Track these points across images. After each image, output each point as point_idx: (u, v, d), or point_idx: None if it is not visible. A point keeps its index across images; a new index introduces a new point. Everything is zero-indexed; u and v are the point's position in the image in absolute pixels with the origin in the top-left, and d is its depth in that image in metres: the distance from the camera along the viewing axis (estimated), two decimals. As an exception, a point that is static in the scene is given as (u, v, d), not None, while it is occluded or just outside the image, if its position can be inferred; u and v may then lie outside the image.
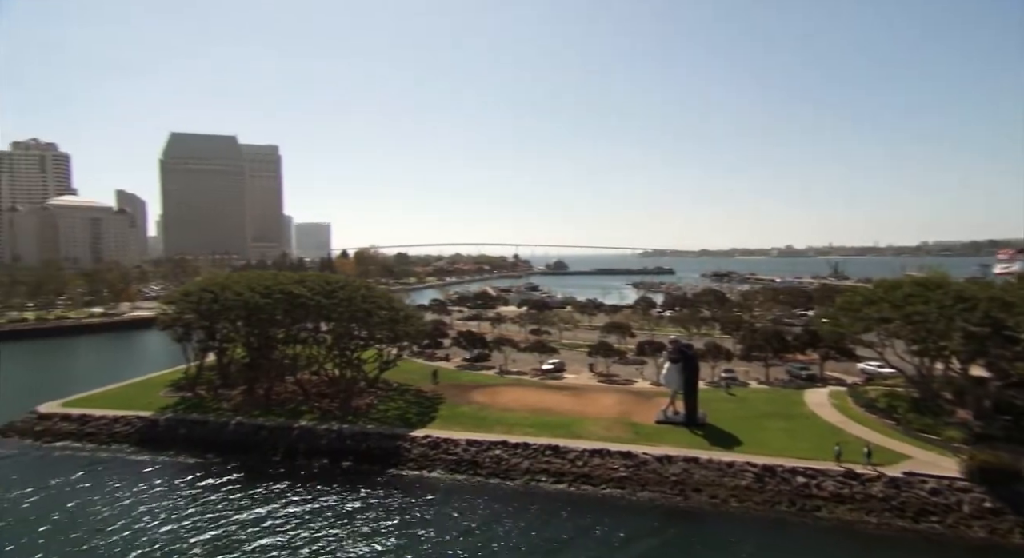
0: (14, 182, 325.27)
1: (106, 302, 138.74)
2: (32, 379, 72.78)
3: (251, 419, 47.48)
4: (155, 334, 75.29)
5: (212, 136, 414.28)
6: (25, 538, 30.99)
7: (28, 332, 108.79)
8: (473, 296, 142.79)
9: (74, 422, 48.21)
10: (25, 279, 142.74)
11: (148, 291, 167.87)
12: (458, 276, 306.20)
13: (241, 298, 52.96)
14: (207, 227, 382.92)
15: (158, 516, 33.66)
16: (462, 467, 40.09)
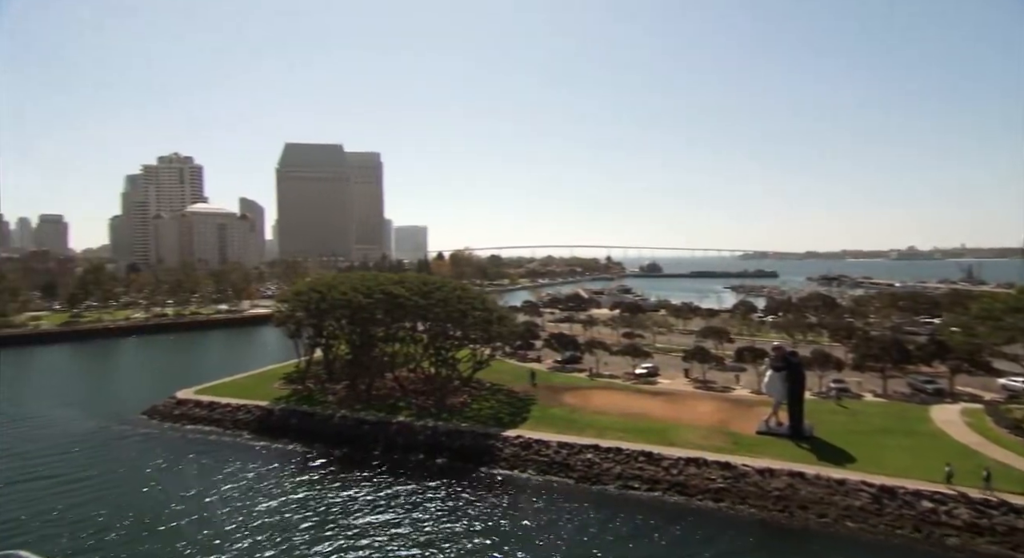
0: (159, 192, 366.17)
1: (231, 300, 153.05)
2: (171, 367, 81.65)
3: (354, 413, 50.33)
4: (271, 330, 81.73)
5: (321, 145, 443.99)
6: (158, 506, 34.99)
7: (168, 326, 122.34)
8: (565, 298, 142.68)
9: (204, 408, 53.45)
10: (166, 279, 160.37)
11: (265, 290, 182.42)
12: (550, 278, 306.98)
13: (345, 298, 56.33)
14: (316, 230, 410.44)
15: (268, 497, 36.65)
16: (553, 469, 40.17)
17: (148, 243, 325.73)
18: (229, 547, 30.31)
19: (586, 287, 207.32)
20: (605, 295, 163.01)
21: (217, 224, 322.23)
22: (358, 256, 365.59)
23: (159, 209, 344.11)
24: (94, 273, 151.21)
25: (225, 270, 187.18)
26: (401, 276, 68.79)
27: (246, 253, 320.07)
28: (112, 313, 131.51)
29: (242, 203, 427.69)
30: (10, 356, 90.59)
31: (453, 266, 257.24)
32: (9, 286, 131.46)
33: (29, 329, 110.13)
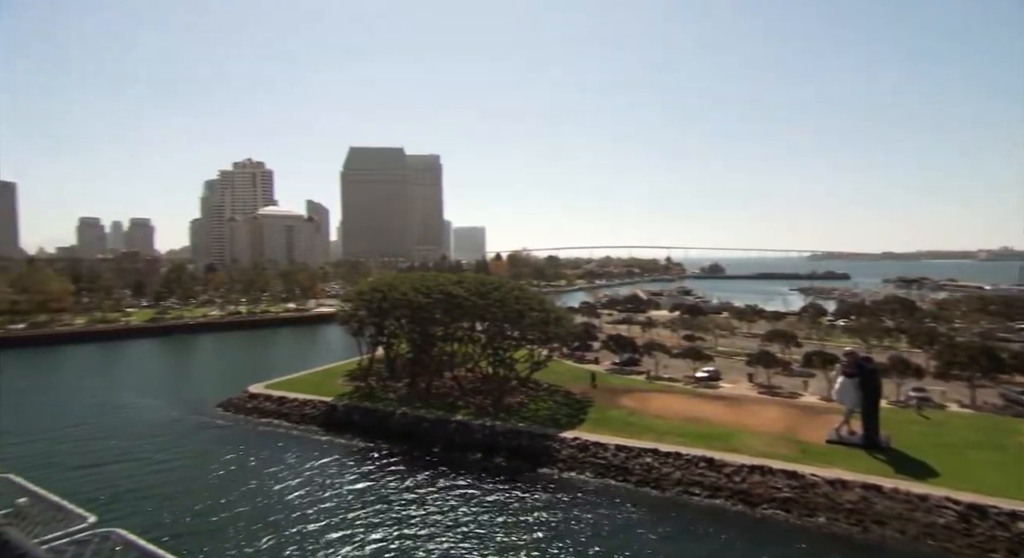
0: (234, 196, 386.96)
1: (298, 299, 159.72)
2: (244, 362, 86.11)
3: (414, 410, 51.46)
4: (335, 328, 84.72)
5: (383, 149, 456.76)
6: (230, 490, 37.11)
7: (241, 323, 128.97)
8: (623, 299, 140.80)
9: (274, 402, 56.03)
10: (240, 278, 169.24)
11: (330, 290, 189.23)
12: (608, 279, 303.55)
13: (405, 298, 57.69)
14: (378, 232, 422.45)
15: (331, 487, 38.18)
16: (611, 472, 39.72)
17: (224, 244, 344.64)
18: (293, 530, 31.94)
19: (645, 288, 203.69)
20: (665, 297, 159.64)
21: (285, 226, 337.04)
22: (418, 257, 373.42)
23: (234, 212, 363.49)
24: (176, 273, 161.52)
25: (293, 270, 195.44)
26: (460, 277, 69.78)
27: (312, 254, 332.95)
28: (192, 310, 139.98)
29: (309, 205, 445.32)
30: (105, 349, 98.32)
31: (511, 267, 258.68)
32: (104, 285, 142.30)
33: (121, 325, 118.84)
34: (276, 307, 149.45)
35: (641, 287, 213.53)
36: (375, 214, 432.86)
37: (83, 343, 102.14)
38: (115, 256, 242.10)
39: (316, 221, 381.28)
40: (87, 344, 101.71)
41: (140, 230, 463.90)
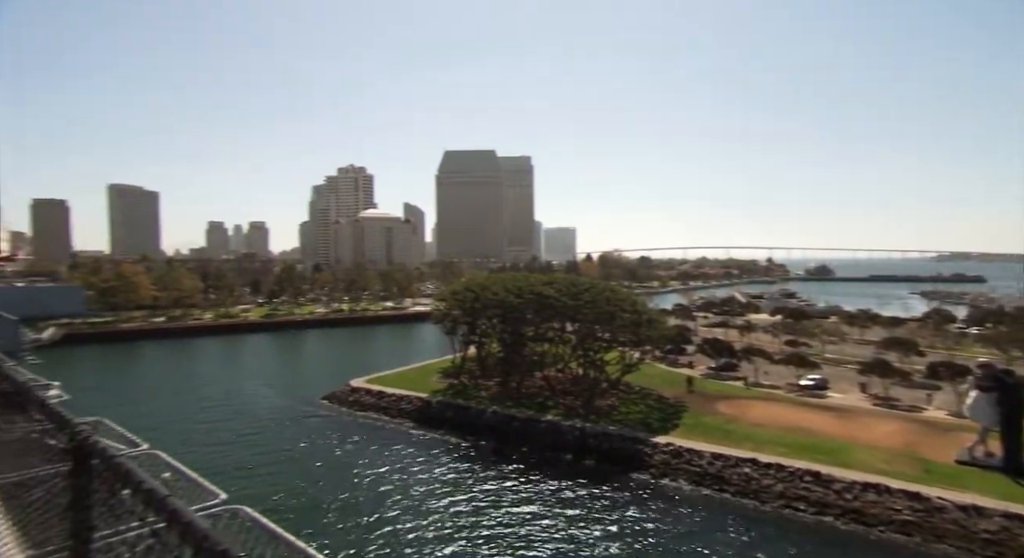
0: (338, 200, 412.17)
1: (395, 298, 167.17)
2: (346, 357, 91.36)
3: (505, 409, 52.22)
4: (430, 326, 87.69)
5: (476, 151, 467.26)
6: (331, 476, 39.61)
7: (344, 320, 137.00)
8: (720, 302, 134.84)
9: (373, 396, 58.96)
10: (342, 278, 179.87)
11: (424, 289, 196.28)
12: (703, 280, 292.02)
13: (497, 298, 58.67)
14: (470, 233, 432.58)
15: (423, 479, 39.68)
16: (706, 480, 38.22)
17: (329, 246, 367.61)
18: (387, 514, 33.78)
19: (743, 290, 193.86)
20: (765, 299, 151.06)
21: (384, 228, 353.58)
22: (509, 257, 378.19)
23: (338, 215, 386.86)
24: (287, 272, 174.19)
25: (390, 270, 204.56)
26: (550, 277, 70.00)
27: (409, 254, 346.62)
28: (300, 307, 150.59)
29: (406, 208, 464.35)
30: (228, 341, 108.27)
31: (601, 268, 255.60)
32: (227, 283, 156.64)
33: (240, 320, 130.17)
34: (375, 305, 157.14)
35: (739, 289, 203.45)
36: (468, 215, 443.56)
37: (210, 336, 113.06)
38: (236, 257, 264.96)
39: (413, 223, 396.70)
40: (213, 337, 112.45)
41: (257, 232, 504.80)
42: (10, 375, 4.06)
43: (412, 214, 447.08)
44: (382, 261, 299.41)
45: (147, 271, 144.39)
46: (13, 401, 4.69)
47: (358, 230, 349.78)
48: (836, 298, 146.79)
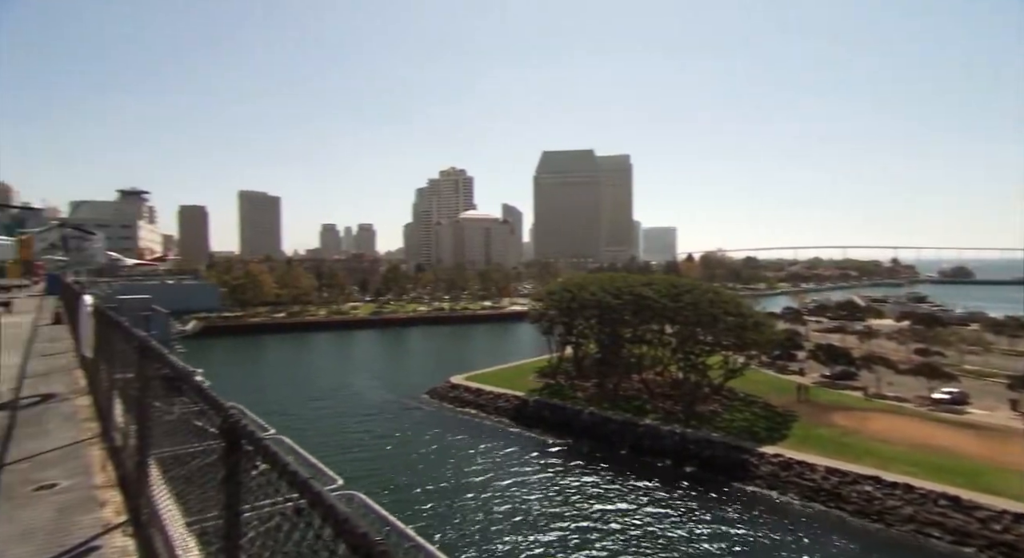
0: (440, 202, 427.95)
1: (493, 297, 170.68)
2: (447, 354, 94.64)
3: (601, 411, 51.69)
4: (527, 326, 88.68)
5: (573, 151, 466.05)
6: (431, 467, 41.22)
7: (444, 318, 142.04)
8: (836, 305, 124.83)
9: (472, 393, 60.58)
10: (443, 277, 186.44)
11: (522, 289, 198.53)
12: (816, 282, 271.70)
13: (595, 298, 58.17)
14: (567, 233, 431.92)
15: (518, 476, 40.21)
16: (820, 496, 35.63)
17: (430, 246, 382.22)
18: (479, 508, 34.73)
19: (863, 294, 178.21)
20: (890, 303, 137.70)
21: (483, 229, 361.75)
22: (607, 257, 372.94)
23: (439, 217, 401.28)
24: (392, 272, 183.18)
25: (489, 270, 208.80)
26: (649, 278, 68.40)
27: (507, 255, 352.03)
28: (404, 305, 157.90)
29: (504, 209, 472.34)
30: (339, 336, 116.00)
31: (703, 268, 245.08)
32: (339, 282, 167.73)
33: (350, 316, 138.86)
34: (474, 304, 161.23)
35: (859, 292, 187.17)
36: (565, 216, 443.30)
37: (323, 330, 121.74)
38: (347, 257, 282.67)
39: (511, 223, 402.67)
40: (326, 331, 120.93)
41: (366, 234, 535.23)
42: (172, 362, 4.61)
43: (510, 215, 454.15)
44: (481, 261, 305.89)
45: (270, 270, 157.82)
46: (172, 385, 5.36)
47: (458, 231, 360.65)
48: (978, 303, 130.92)
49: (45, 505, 5.59)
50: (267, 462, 2.44)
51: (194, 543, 4.34)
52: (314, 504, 1.94)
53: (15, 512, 5.39)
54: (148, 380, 5.38)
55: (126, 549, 4.78)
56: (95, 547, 4.75)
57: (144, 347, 5.61)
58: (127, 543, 4.88)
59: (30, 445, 7.42)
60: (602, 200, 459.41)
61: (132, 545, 4.87)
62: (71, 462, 6.81)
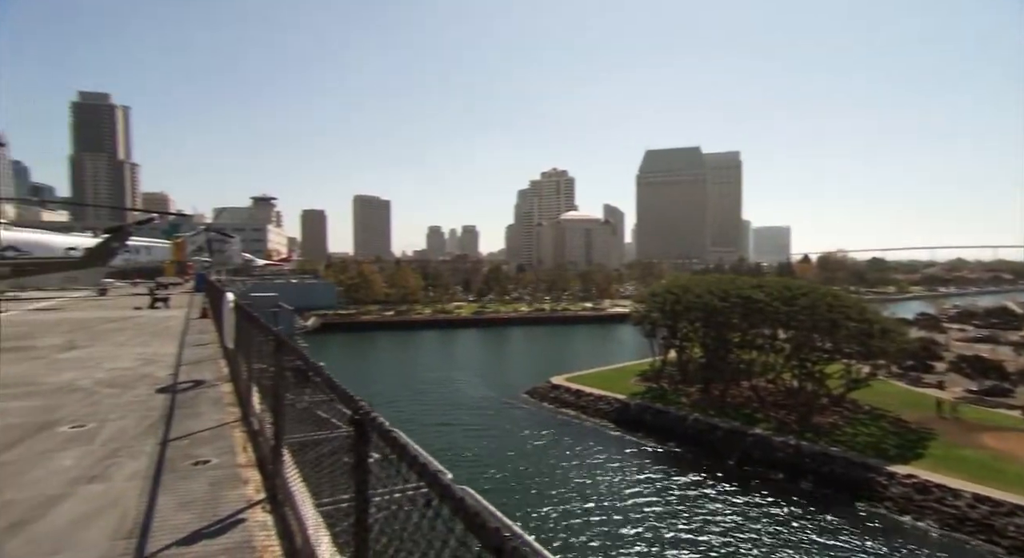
0: (540, 203, 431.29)
1: (594, 298, 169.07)
2: (547, 355, 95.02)
3: (706, 417, 49.40)
4: (628, 328, 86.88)
5: (679, 149, 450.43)
6: (528, 466, 41.21)
7: (544, 319, 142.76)
8: (985, 312, 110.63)
9: (572, 395, 60.28)
10: (544, 278, 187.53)
11: (623, 290, 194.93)
12: (959, 286, 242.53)
13: (700, 300, 55.77)
14: (671, 234, 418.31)
15: (618, 479, 39.41)
16: (965, 526, 31.66)
17: (531, 247, 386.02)
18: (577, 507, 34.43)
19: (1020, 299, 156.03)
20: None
21: (584, 229, 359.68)
22: (713, 259, 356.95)
23: (540, 218, 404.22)
24: (494, 273, 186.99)
25: (590, 271, 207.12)
26: (760, 280, 64.51)
27: (608, 255, 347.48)
28: (506, 305, 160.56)
29: (605, 209, 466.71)
30: (443, 335, 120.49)
31: (821, 270, 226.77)
32: (444, 282, 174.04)
33: (454, 315, 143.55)
34: (575, 305, 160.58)
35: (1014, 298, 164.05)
36: (669, 216, 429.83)
37: (429, 329, 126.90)
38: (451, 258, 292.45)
39: (612, 224, 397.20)
40: (431, 330, 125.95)
41: (469, 235, 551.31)
42: (305, 356, 5.03)
43: (612, 215, 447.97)
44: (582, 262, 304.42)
45: (380, 271, 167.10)
46: (301, 377, 5.81)
47: (559, 232, 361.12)
48: None
49: (201, 479, 6.24)
50: (396, 453, 2.55)
51: (322, 523, 4.65)
52: (444, 497, 1.99)
53: (178, 483, 6.09)
54: (282, 371, 5.90)
55: (265, 523, 5.22)
56: (241, 520, 5.24)
57: (279, 341, 6.12)
58: (266, 519, 5.33)
59: (188, 424, 8.40)
60: (709, 199, 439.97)
61: (270, 521, 5.30)
62: (219, 442, 7.58)
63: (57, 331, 19.79)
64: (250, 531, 5.06)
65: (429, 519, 2.18)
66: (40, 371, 12.54)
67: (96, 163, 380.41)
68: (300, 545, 4.74)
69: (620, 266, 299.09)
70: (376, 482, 2.95)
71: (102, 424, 8.36)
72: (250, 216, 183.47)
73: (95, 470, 6.45)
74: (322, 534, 4.55)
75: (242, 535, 4.98)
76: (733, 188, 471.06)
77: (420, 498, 2.33)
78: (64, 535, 4.91)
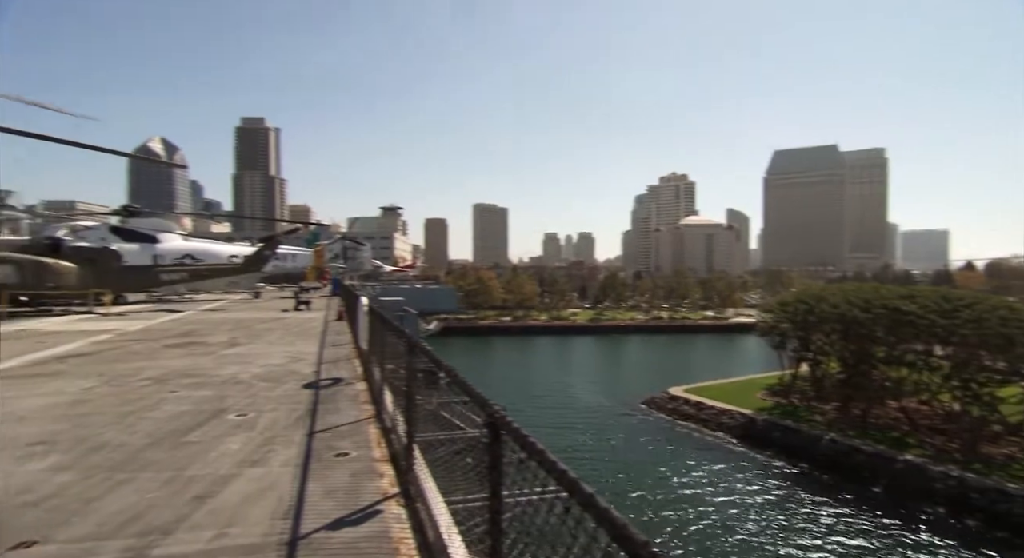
0: (659, 208, 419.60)
1: (715, 307, 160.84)
2: (664, 364, 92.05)
3: (845, 439, 45.03)
4: (753, 339, 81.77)
5: (812, 148, 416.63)
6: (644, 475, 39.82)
7: (662, 327, 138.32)
8: None
9: (692, 407, 57.74)
10: (662, 285, 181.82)
11: (748, 299, 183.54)
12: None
13: (837, 311, 51.10)
14: (803, 239, 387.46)
15: (742, 498, 36.97)
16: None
17: (649, 253, 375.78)
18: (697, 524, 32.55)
19: None
20: None
21: (705, 235, 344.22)
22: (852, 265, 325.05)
23: (658, 223, 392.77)
24: (611, 279, 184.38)
25: (712, 278, 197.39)
26: (910, 289, 57.62)
27: (731, 262, 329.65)
28: (622, 313, 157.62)
29: (728, 214, 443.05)
30: (558, 341, 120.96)
31: (990, 279, 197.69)
32: (559, 288, 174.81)
33: (569, 322, 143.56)
34: (695, 314, 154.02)
35: None
36: (801, 219, 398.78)
37: (544, 335, 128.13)
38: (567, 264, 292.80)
39: (736, 229, 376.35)
40: (546, 336, 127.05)
41: (585, 242, 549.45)
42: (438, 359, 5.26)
43: (736, 220, 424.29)
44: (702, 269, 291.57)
45: (497, 277, 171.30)
46: (431, 379, 6.19)
47: (678, 237, 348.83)
48: None
49: (342, 470, 6.81)
50: (534, 458, 2.61)
51: (452, 520, 4.90)
52: (587, 506, 1.96)
53: (323, 472, 6.70)
54: (414, 373, 6.32)
55: (400, 517, 5.56)
56: (378, 511, 5.65)
57: (411, 344, 6.53)
58: (400, 512, 5.68)
59: (329, 418, 9.27)
60: (847, 201, 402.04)
61: (404, 514, 5.64)
62: (357, 436, 8.24)
63: (221, 329, 22.59)
64: (386, 522, 5.40)
65: (570, 527, 2.16)
66: (210, 365, 14.44)
67: (252, 179, 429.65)
68: (432, 540, 4.97)
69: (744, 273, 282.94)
70: (509, 483, 3.01)
71: (259, 414, 9.43)
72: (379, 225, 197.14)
73: (256, 455, 7.29)
74: (453, 531, 4.74)
75: (380, 526, 5.33)
76: (877, 189, 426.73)
77: (558, 503, 2.31)
78: (236, 510, 5.59)
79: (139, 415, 9.25)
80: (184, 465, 6.85)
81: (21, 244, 36.80)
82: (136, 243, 40.22)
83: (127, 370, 13.55)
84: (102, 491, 6.00)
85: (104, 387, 11.54)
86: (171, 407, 9.84)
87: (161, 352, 16.59)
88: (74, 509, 5.54)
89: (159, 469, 6.71)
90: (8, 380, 12.27)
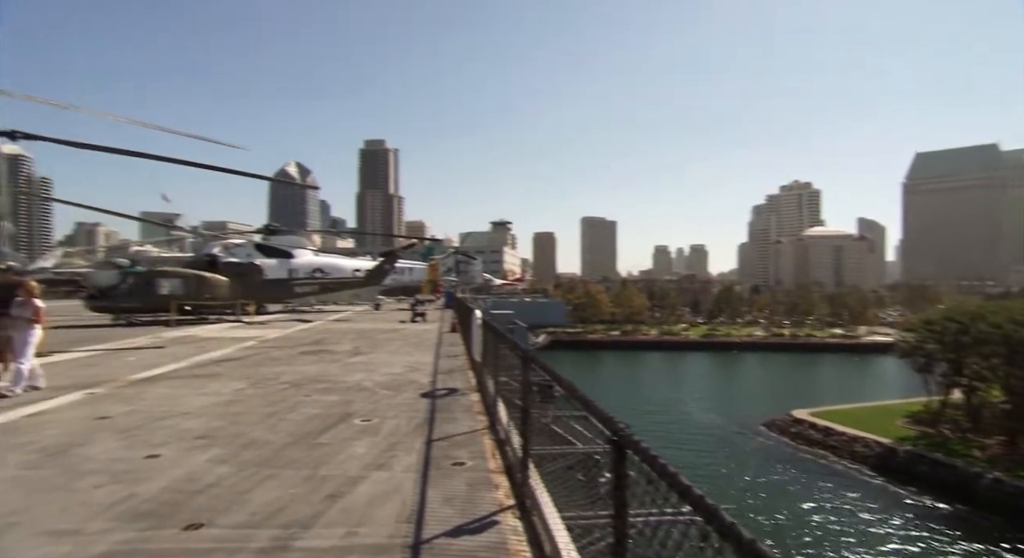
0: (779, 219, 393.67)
1: (845, 325, 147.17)
2: (788, 385, 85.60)
3: (1014, 479, 39.11)
4: (890, 361, 73.95)
5: (964, 149, 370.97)
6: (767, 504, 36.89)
7: (784, 345, 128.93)
8: None
9: (819, 432, 53.14)
10: (783, 300, 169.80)
11: (884, 316, 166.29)
12: None
13: (999, 331, 44.86)
14: (951, 249, 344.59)
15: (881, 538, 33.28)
16: None
17: (768, 266, 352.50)
18: None
19: None
20: None
21: (833, 246, 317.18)
22: (1016, 280, 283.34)
23: (779, 235, 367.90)
24: (726, 294, 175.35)
25: (841, 293, 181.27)
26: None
27: (863, 275, 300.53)
28: (738, 329, 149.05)
29: (860, 223, 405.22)
30: (669, 357, 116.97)
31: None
32: (670, 303, 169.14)
33: (681, 337, 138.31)
34: (821, 332, 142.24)
35: None
36: (948, 228, 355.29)
37: (654, 350, 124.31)
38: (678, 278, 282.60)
39: (869, 240, 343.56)
40: (656, 351, 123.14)
41: (697, 255, 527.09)
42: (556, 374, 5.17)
43: (868, 230, 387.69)
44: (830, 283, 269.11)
45: (606, 290, 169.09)
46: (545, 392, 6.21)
47: (801, 249, 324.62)
48: None
49: (459, 478, 6.94)
50: (663, 477, 2.52)
51: (569, 536, 4.84)
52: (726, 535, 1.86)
53: (442, 480, 6.90)
54: (530, 386, 6.41)
55: (516, 529, 5.54)
56: (495, 522, 5.67)
57: (527, 357, 6.55)
58: (516, 524, 5.67)
59: (446, 427, 9.60)
60: (1009, 207, 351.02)
61: (520, 527, 5.62)
62: (472, 446, 8.39)
63: (346, 339, 24.30)
64: (503, 534, 5.40)
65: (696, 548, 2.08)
66: (337, 372, 15.55)
67: (374, 198, 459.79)
68: (550, 554, 4.92)
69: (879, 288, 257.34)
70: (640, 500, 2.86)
71: (383, 420, 9.94)
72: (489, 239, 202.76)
73: (381, 459, 7.65)
74: (571, 547, 4.66)
75: (497, 536, 5.34)
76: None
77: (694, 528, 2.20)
78: (364, 511, 5.88)
79: (280, 416, 10.19)
80: (318, 464, 7.38)
81: (187, 260, 42.40)
82: (275, 258, 44.62)
83: (269, 374, 14.97)
84: (252, 484, 6.65)
85: (251, 389, 12.87)
86: (306, 410, 10.73)
87: (296, 359, 18.17)
88: (231, 498, 6.16)
89: (298, 467, 7.30)
90: (180, 379, 14.09)
